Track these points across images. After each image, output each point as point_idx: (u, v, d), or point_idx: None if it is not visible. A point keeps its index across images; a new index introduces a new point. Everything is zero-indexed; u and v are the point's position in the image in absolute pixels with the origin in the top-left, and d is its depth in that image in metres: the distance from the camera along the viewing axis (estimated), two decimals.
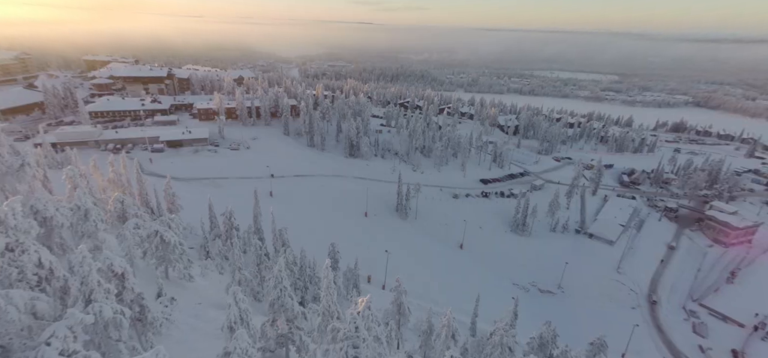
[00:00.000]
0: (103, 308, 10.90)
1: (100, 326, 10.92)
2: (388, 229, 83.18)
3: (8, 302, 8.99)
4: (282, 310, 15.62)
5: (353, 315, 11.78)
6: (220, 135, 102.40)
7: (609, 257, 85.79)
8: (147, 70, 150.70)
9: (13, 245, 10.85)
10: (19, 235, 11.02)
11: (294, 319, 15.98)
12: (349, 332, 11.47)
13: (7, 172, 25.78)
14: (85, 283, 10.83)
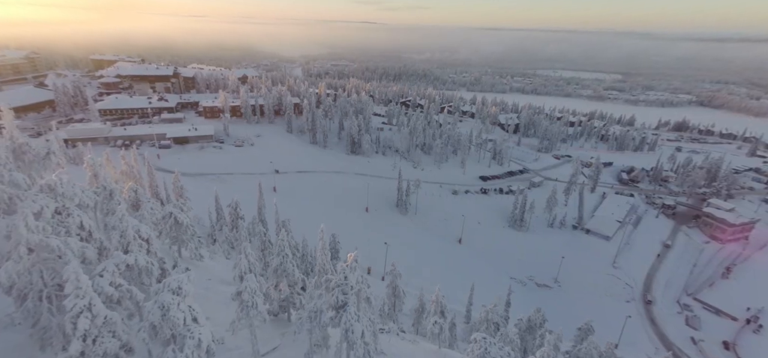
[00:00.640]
0: (138, 257, 13.06)
1: (135, 271, 13.04)
2: (389, 223, 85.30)
3: (66, 246, 11.16)
4: (284, 274, 17.65)
5: (343, 267, 13.82)
6: (225, 132, 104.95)
7: (605, 252, 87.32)
8: (153, 69, 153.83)
9: (61, 209, 12.98)
10: (65, 201, 13.16)
11: (295, 284, 17.96)
12: (340, 281, 13.52)
13: (34, 160, 28.17)
14: (124, 236, 12.85)
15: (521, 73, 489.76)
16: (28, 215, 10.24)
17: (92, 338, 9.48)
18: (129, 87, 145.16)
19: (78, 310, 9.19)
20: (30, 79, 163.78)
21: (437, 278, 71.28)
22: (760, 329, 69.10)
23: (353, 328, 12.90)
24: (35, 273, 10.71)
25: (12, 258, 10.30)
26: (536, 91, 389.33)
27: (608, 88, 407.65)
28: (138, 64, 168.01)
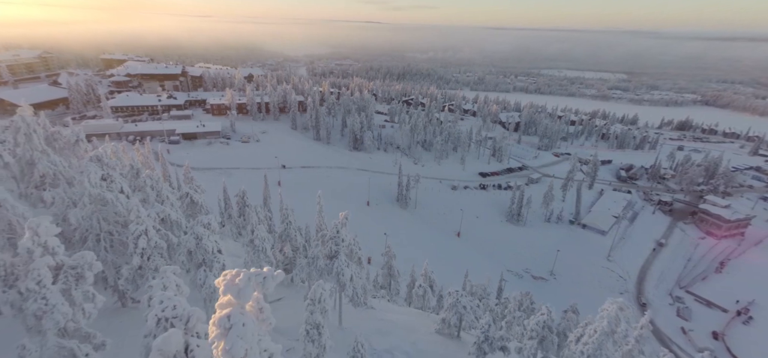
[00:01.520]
0: (170, 212, 16.02)
1: (168, 223, 15.99)
2: (389, 217, 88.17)
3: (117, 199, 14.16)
4: (288, 239, 20.51)
5: (335, 223, 16.65)
6: (231, 129, 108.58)
7: (601, 246, 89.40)
8: (162, 68, 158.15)
9: (106, 176, 15.98)
10: (109, 169, 16.13)
11: (297, 249, 20.76)
12: (333, 234, 16.34)
13: (65, 146, 31.62)
14: (160, 194, 15.79)
15: (525, 72, 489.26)
16: (91, 173, 13.16)
17: (147, 256, 12.36)
18: (138, 85, 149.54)
19: (138, 233, 12.11)
20: (43, 77, 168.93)
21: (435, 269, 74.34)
22: (749, 320, 70.94)
23: (343, 272, 15.73)
24: (94, 219, 13.64)
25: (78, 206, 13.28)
26: (540, 91, 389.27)
27: (612, 88, 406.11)
28: (147, 63, 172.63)
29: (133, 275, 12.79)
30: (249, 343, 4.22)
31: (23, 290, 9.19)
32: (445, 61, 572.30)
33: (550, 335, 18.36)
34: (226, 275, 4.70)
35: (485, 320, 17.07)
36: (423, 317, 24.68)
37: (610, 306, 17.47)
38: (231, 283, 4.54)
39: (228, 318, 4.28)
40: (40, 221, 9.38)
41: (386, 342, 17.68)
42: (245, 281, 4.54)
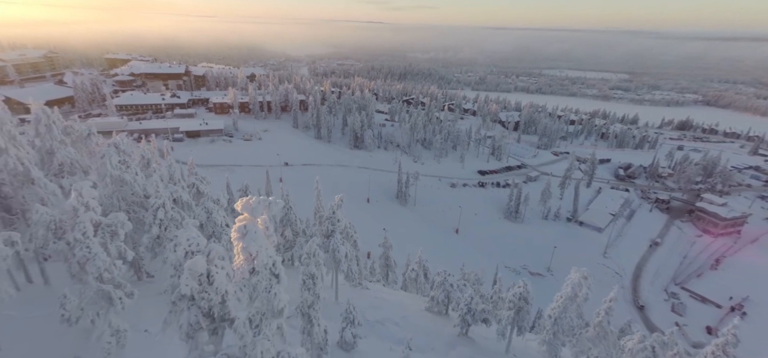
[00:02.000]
0: (182, 193, 17.55)
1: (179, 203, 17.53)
2: (388, 213, 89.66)
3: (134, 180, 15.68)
4: (288, 223, 22.00)
5: (332, 205, 18.12)
6: (234, 127, 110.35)
7: (597, 243, 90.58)
8: (166, 67, 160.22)
9: (123, 161, 17.48)
10: (125, 156, 17.66)
11: (297, 233, 22.22)
12: (329, 215, 17.80)
13: (78, 139, 33.33)
14: (172, 177, 17.26)
15: (526, 72, 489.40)
16: (111, 156, 14.68)
17: (164, 226, 13.85)
18: (142, 85, 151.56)
19: (157, 205, 13.61)
20: (49, 77, 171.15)
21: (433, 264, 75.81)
22: (743, 316, 72.01)
23: (338, 249, 17.17)
24: (114, 198, 15.15)
25: (99, 187, 14.79)
26: (541, 91, 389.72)
27: (613, 88, 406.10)
28: (151, 63, 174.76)
29: (152, 244, 14.33)
30: (259, 246, 5.69)
31: (71, 240, 10.83)
32: (446, 61, 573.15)
33: (525, 306, 19.87)
34: (243, 199, 6.21)
35: (468, 293, 18.51)
36: (415, 298, 26.10)
37: (575, 275, 19.07)
38: (247, 204, 6.06)
39: (244, 227, 5.78)
40: (83, 185, 11.00)
41: (378, 314, 19.14)
42: (257, 202, 6.05)
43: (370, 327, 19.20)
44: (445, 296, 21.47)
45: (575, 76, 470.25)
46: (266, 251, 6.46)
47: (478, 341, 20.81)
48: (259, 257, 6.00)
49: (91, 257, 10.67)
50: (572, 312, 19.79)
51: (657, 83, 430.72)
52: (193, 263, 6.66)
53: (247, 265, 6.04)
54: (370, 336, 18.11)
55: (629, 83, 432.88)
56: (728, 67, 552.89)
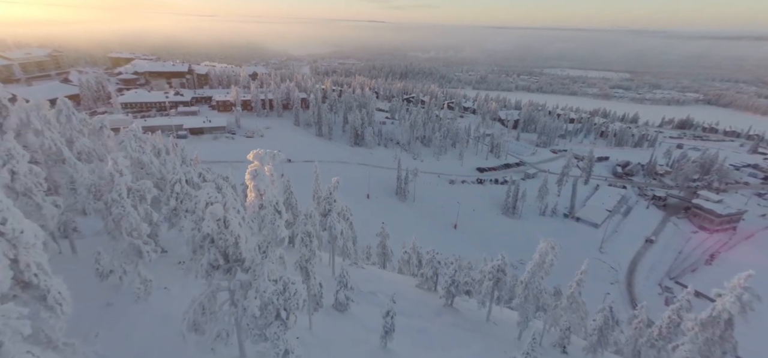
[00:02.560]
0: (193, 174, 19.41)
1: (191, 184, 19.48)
2: (388, 209, 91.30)
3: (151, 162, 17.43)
4: (289, 207, 23.68)
5: (329, 187, 19.76)
6: (236, 124, 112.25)
7: (593, 238, 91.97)
8: (169, 65, 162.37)
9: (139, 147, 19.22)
10: (141, 142, 19.37)
11: (297, 215, 23.92)
12: (326, 195, 19.47)
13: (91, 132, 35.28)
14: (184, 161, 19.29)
15: (528, 71, 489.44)
16: (131, 140, 16.40)
17: (180, 199, 15.55)
18: (146, 83, 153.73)
19: (175, 180, 15.33)
20: (54, 75, 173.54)
21: None
22: None
23: (335, 226, 18.82)
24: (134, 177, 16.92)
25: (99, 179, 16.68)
26: (542, 90, 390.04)
27: (615, 87, 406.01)
28: (154, 62, 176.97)
29: (169, 214, 16.06)
30: (266, 186, 7.36)
31: (108, 201, 12.60)
32: (446, 60, 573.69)
33: (503, 277, 21.58)
34: (254, 151, 7.90)
35: (452, 267, 20.17)
36: (408, 278, 27.71)
37: (543, 244, 20.88)
38: (257, 154, 7.78)
39: (255, 171, 7.46)
40: (117, 155, 12.77)
41: (371, 287, 20.78)
42: (264, 154, 7.76)
43: (363, 297, 20.89)
44: (433, 272, 23.15)
45: (576, 75, 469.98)
46: (271, 191, 8.17)
47: (462, 311, 22.65)
48: (266, 194, 7.69)
49: (125, 215, 12.47)
50: (540, 277, 21.55)
51: (658, 82, 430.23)
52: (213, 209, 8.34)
53: (257, 201, 7.76)
54: (362, 303, 19.84)
55: (630, 82, 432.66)
56: (731, 66, 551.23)
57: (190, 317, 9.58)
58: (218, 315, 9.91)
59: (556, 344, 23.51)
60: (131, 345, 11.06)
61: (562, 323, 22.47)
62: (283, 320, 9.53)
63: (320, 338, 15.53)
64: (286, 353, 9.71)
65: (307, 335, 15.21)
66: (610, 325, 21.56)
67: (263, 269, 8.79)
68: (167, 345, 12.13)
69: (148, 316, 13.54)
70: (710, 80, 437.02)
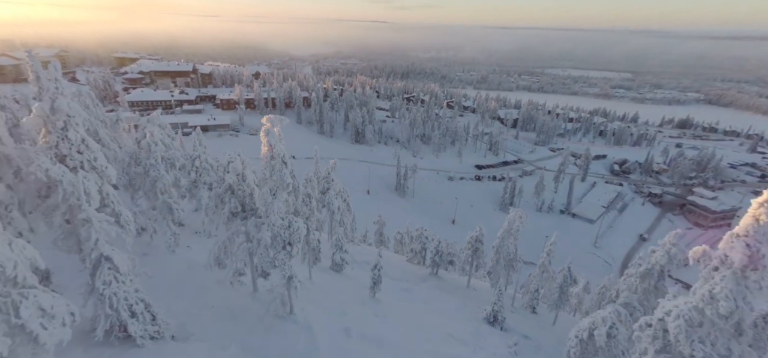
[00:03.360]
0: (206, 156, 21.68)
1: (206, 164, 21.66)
2: (387, 204, 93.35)
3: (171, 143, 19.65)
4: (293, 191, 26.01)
5: (327, 168, 21.88)
6: (240, 122, 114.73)
7: (589, 234, 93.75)
8: (174, 65, 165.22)
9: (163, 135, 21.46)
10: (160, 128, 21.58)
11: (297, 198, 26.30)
12: (325, 174, 21.55)
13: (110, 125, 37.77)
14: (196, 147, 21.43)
15: (529, 71, 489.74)
16: (155, 124, 18.57)
17: (199, 172, 17.73)
18: (151, 82, 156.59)
19: (195, 156, 17.52)
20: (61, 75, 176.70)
21: None
22: None
23: (332, 202, 20.92)
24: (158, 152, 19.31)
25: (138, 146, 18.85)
26: (543, 89, 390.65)
27: (615, 86, 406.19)
28: (159, 61, 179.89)
29: (190, 186, 18.28)
30: (276, 141, 9.47)
31: (146, 165, 14.89)
32: (447, 60, 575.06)
33: (480, 247, 23.81)
34: (266, 116, 10.05)
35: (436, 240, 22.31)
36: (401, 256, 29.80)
37: (513, 213, 23.16)
38: (269, 118, 9.89)
39: (268, 130, 9.57)
40: (153, 128, 15.05)
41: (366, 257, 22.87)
42: (275, 118, 9.88)
43: (358, 265, 23.19)
44: (421, 247, 25.36)
45: (578, 75, 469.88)
46: (279, 146, 10.32)
47: (446, 279, 25.10)
48: (276, 148, 9.78)
49: (160, 177, 14.70)
50: (510, 243, 23.82)
51: (659, 82, 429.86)
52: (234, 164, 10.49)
53: (269, 152, 9.94)
54: (356, 269, 22.14)
55: (632, 82, 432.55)
56: (733, 66, 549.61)
57: (214, 253, 11.98)
58: (237, 252, 12.25)
59: (526, 306, 26.05)
60: (167, 278, 13.44)
61: (532, 287, 24.88)
62: (288, 251, 11.80)
63: (319, 287, 17.93)
64: (290, 278, 12.05)
65: (308, 283, 17.59)
66: (568, 282, 23.85)
67: (274, 206, 11.03)
68: (194, 281, 14.67)
69: (176, 263, 16.01)
70: (712, 80, 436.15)
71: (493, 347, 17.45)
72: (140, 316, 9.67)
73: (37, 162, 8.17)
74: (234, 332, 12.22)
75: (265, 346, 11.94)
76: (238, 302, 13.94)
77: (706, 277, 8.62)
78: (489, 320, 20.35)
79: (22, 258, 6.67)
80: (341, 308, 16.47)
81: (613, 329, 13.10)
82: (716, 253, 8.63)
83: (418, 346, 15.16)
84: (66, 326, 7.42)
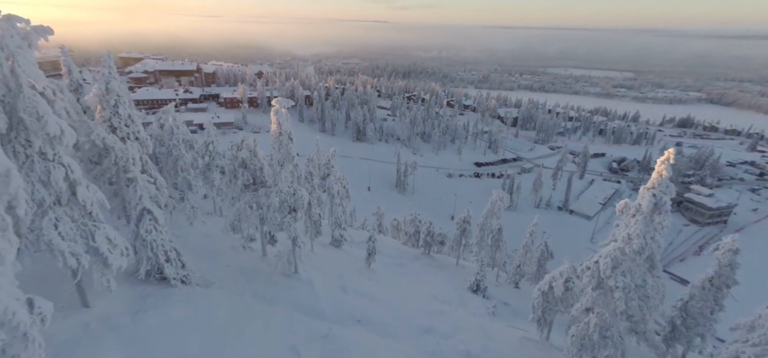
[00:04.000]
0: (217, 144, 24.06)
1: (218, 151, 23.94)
2: (388, 200, 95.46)
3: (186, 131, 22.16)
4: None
5: (328, 155, 24.08)
6: (243, 120, 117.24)
7: (586, 230, 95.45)
8: (178, 64, 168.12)
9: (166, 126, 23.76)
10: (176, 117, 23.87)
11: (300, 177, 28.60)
12: (325, 161, 23.77)
13: None
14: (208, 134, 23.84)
15: (531, 71, 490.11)
16: (170, 111, 20.83)
17: (212, 156, 20.01)
18: (155, 81, 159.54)
19: (208, 141, 19.79)
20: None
21: None
22: None
23: (332, 186, 23.11)
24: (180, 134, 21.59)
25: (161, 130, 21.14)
26: (544, 89, 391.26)
27: (617, 86, 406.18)
28: (163, 61, 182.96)
29: (204, 169, 20.48)
30: (283, 119, 11.64)
31: (169, 146, 17.15)
32: (449, 59, 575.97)
33: (468, 227, 25.91)
34: (275, 99, 12.28)
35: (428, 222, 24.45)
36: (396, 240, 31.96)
37: (495, 194, 25.32)
38: (277, 99, 12.08)
39: (277, 110, 11.75)
40: (174, 115, 17.34)
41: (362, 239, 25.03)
42: (282, 99, 12.07)
43: (356, 244, 25.40)
44: (415, 230, 27.48)
45: (580, 74, 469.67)
46: (286, 124, 12.49)
47: (436, 258, 27.27)
48: (283, 126, 11.92)
49: (181, 156, 16.92)
50: (492, 221, 25.98)
51: (662, 82, 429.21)
52: (247, 142, 12.66)
53: (277, 129, 12.06)
54: (354, 247, 24.35)
55: (634, 81, 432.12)
56: (737, 65, 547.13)
57: (230, 220, 14.16)
58: (249, 219, 14.43)
59: (510, 281, 28.18)
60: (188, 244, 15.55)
61: (515, 263, 27.07)
62: (293, 215, 13.95)
63: (319, 257, 20.13)
64: (295, 238, 14.23)
65: (310, 254, 19.75)
66: (545, 257, 25.93)
67: (281, 175, 13.19)
68: (211, 247, 16.87)
69: (194, 233, 18.25)
70: (714, 79, 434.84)
71: (473, 308, 19.64)
72: (173, 261, 11.82)
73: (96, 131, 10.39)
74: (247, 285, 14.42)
75: (274, 295, 14.12)
76: (249, 263, 16.15)
77: (626, 223, 10.71)
78: (473, 288, 22.53)
79: (95, 198, 8.86)
80: (339, 273, 18.68)
81: (570, 282, 15.12)
82: (633, 203, 10.70)
83: (406, 303, 17.32)
84: (123, 257, 9.63)
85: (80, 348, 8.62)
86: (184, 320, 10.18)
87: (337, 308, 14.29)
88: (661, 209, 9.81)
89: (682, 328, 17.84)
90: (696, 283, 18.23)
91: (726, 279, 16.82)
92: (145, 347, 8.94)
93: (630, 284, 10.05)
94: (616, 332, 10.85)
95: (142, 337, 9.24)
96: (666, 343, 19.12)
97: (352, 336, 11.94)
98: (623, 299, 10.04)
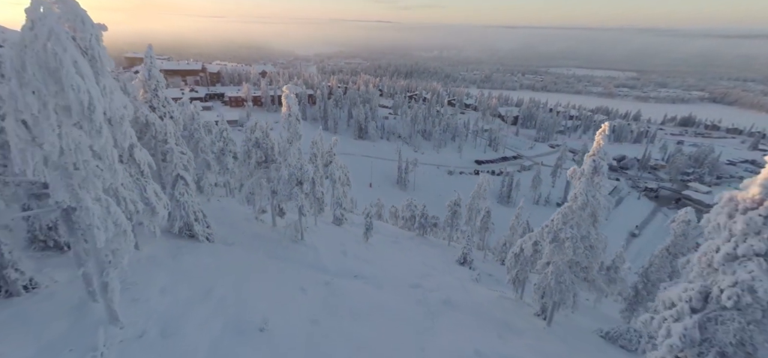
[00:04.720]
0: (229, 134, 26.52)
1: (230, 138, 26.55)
2: (389, 196, 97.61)
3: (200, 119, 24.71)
4: None
5: (330, 144, 26.47)
6: (247, 119, 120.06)
7: None
8: (184, 64, 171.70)
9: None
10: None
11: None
12: (328, 150, 26.17)
13: None
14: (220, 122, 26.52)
15: (533, 70, 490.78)
16: (187, 103, 23.42)
17: (225, 141, 22.60)
18: None
19: (222, 129, 22.42)
20: None
21: None
22: None
23: (334, 173, 25.50)
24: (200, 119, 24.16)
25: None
26: (546, 88, 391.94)
27: (620, 85, 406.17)
28: (168, 61, 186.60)
29: (218, 154, 23.01)
30: (292, 103, 14.00)
31: (191, 129, 19.76)
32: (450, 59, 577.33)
33: (458, 209, 28.18)
34: (285, 86, 14.69)
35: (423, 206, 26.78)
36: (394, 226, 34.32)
37: (481, 178, 27.57)
38: (288, 86, 14.49)
39: (287, 94, 14.18)
40: (193, 104, 20.10)
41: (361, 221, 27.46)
42: (292, 85, 14.43)
43: (355, 224, 27.89)
44: (411, 214, 29.79)
45: (582, 74, 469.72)
46: (295, 107, 14.93)
47: (430, 239, 29.49)
48: (292, 108, 14.32)
49: (201, 138, 19.46)
50: (479, 202, 28.24)
51: (665, 81, 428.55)
52: (260, 124, 15.10)
53: (287, 111, 14.49)
54: (354, 226, 26.77)
55: (636, 81, 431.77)
56: (740, 64, 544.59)
57: (245, 192, 16.62)
58: (262, 192, 16.96)
59: (497, 259, 30.48)
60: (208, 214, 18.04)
61: (501, 242, 29.38)
62: (300, 187, 16.43)
63: (322, 231, 22.55)
64: (302, 206, 16.66)
65: (313, 228, 22.21)
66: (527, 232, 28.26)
67: (290, 151, 15.64)
68: (228, 218, 19.44)
69: (212, 207, 20.85)
70: (717, 79, 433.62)
71: (459, 275, 21.97)
72: (201, 221, 14.22)
73: (141, 110, 12.82)
74: (261, 246, 16.88)
75: (284, 255, 16.55)
76: (261, 232, 18.60)
77: (575, 186, 13.01)
78: (460, 261, 24.81)
79: (146, 159, 11.28)
80: (340, 242, 21.11)
81: (538, 244, 17.38)
82: (579, 169, 13.00)
83: (398, 267, 19.69)
84: (165, 210, 12.03)
85: (138, 274, 11.22)
86: (213, 264, 12.60)
87: (338, 267, 16.65)
88: (599, 172, 12.05)
89: (643, 292, 19.90)
90: (655, 252, 20.30)
91: (681, 247, 18.86)
92: (186, 276, 11.42)
93: (576, 235, 12.27)
94: (569, 278, 13.09)
95: (182, 270, 11.72)
96: (630, 307, 21.26)
97: (350, 285, 14.29)
98: (572, 248, 12.27)
